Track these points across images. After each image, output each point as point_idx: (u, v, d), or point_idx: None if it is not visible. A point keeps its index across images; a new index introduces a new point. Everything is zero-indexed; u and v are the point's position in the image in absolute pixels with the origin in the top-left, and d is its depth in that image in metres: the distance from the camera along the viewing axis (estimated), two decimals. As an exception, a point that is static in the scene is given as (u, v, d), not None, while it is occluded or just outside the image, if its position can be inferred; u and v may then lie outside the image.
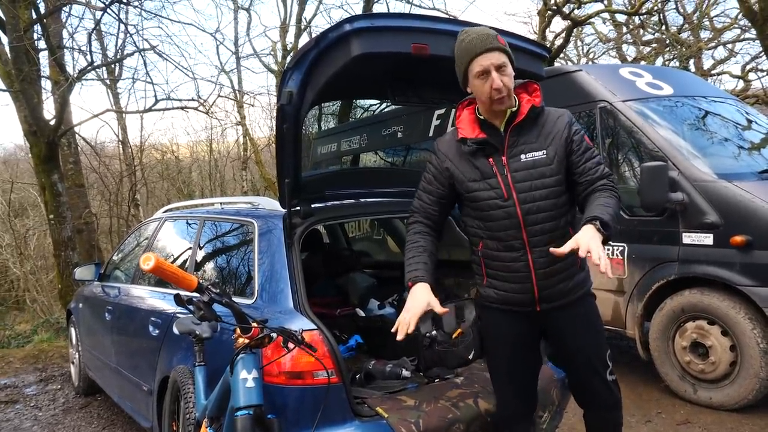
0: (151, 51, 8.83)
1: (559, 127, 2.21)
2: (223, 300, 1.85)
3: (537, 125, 2.23)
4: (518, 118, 2.21)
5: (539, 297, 2.24)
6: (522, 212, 2.18)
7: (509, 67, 2.14)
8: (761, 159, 4.42)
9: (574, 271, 2.26)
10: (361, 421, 2.39)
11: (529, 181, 2.19)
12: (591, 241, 1.92)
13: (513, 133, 2.22)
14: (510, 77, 2.14)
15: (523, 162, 2.19)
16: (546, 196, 2.19)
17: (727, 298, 3.80)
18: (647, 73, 4.97)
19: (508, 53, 2.15)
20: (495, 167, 2.21)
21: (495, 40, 2.12)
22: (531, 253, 2.21)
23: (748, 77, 14.13)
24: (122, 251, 4.86)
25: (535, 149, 2.20)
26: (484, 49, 2.11)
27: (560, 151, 2.19)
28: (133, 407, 3.78)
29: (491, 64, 2.10)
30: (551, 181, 2.19)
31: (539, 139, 2.21)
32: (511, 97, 2.17)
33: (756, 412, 3.80)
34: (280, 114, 2.49)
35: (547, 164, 2.19)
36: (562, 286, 2.24)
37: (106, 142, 15.53)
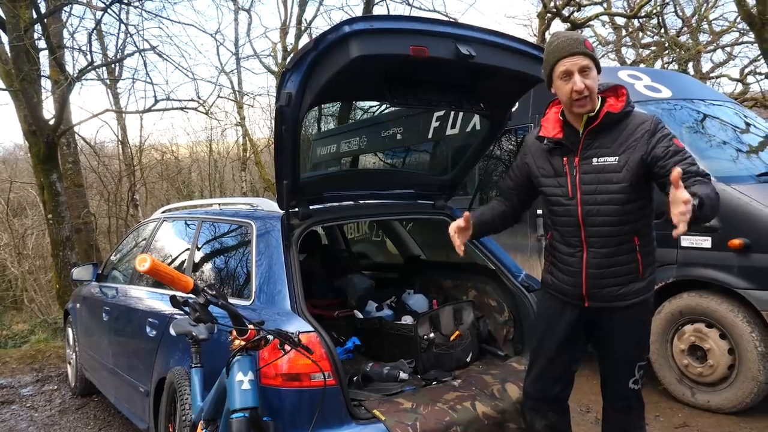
0: (152, 51, 8.81)
1: (637, 135, 2.21)
2: (219, 302, 1.84)
3: (616, 131, 2.26)
4: (595, 122, 2.26)
5: (587, 294, 2.34)
6: (582, 213, 2.28)
7: (593, 71, 2.21)
8: (759, 162, 4.42)
9: (629, 279, 2.30)
10: (358, 423, 2.38)
11: (594, 184, 2.26)
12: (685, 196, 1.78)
13: (589, 136, 2.28)
14: (593, 80, 2.21)
15: (593, 165, 2.26)
16: (608, 201, 2.24)
17: (725, 301, 3.80)
18: (646, 76, 4.97)
19: (594, 59, 2.22)
20: (567, 167, 2.32)
21: (582, 45, 2.20)
22: (587, 252, 2.31)
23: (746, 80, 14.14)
24: (120, 252, 4.85)
25: (607, 154, 2.25)
26: (570, 52, 2.19)
27: (633, 159, 2.20)
28: (129, 409, 3.77)
29: (574, 65, 2.18)
30: (616, 187, 2.23)
31: (614, 144, 2.24)
32: (593, 99, 2.23)
33: (754, 415, 3.80)
34: (279, 115, 2.49)
35: (616, 171, 2.22)
36: (613, 290, 2.31)
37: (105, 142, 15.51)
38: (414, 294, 3.71)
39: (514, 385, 2.76)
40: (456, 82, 2.80)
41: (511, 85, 2.87)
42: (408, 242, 4.75)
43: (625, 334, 2.37)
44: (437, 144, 6.02)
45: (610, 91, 2.31)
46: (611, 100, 2.29)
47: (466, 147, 4.13)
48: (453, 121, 5.63)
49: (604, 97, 2.29)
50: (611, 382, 2.47)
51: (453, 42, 2.40)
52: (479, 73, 2.67)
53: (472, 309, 3.30)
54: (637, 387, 2.42)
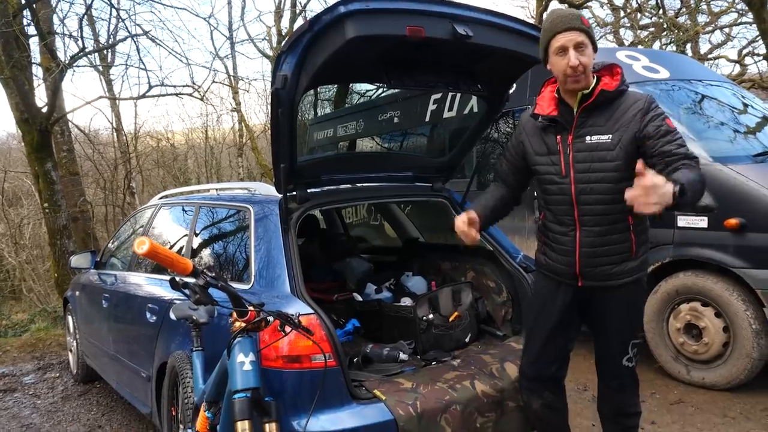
0: (144, 36, 8.76)
1: (631, 113, 2.22)
2: (219, 284, 1.85)
3: (610, 109, 2.26)
4: (590, 100, 2.26)
5: (580, 273, 2.35)
6: (576, 191, 2.28)
7: (589, 48, 2.21)
8: (756, 143, 4.43)
9: (622, 258, 2.31)
10: (359, 403, 2.40)
11: (588, 162, 2.26)
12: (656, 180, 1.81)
13: (583, 114, 2.28)
14: (589, 58, 2.20)
15: (587, 143, 2.26)
16: (602, 179, 2.24)
17: (720, 280, 3.83)
18: (644, 57, 4.96)
19: (591, 35, 2.21)
20: (560, 145, 2.32)
21: (578, 20, 2.19)
22: (580, 231, 2.31)
23: (744, 62, 14.09)
24: (118, 239, 4.85)
25: (601, 132, 2.25)
26: (565, 27, 2.18)
27: (626, 137, 2.20)
28: (131, 394, 3.80)
29: (570, 40, 2.17)
30: (610, 165, 2.23)
31: (608, 123, 2.24)
32: (588, 77, 2.23)
33: (747, 392, 3.85)
34: (275, 98, 2.48)
35: (609, 149, 2.22)
36: (606, 269, 2.32)
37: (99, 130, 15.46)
38: (413, 276, 3.73)
39: (512, 364, 2.78)
40: (453, 63, 2.79)
41: (509, 66, 2.86)
42: (406, 225, 4.76)
43: (618, 312, 2.38)
44: (434, 127, 6.01)
45: (605, 69, 2.31)
46: (606, 78, 2.29)
47: (463, 129, 4.13)
48: (450, 104, 5.62)
49: (599, 76, 2.29)
50: (605, 360, 2.49)
51: (450, 22, 2.39)
52: (477, 53, 2.66)
53: (471, 290, 3.31)
54: (631, 365, 2.44)
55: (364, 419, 2.36)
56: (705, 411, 3.66)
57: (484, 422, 2.59)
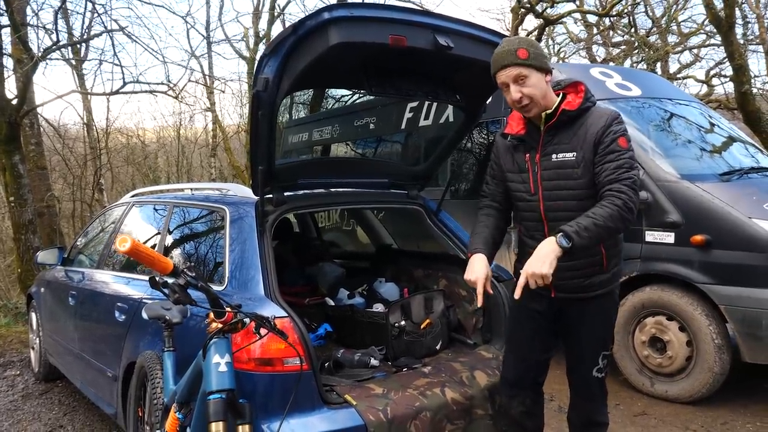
0: (120, 32, 8.63)
1: (593, 130, 2.24)
2: (199, 284, 1.84)
3: (574, 127, 2.29)
4: (553, 119, 2.29)
5: (553, 285, 2.32)
6: (544, 208, 2.33)
7: (533, 77, 2.22)
8: (722, 162, 4.56)
9: (594, 271, 2.36)
10: (330, 408, 2.40)
11: (555, 180, 2.30)
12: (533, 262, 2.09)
13: (549, 132, 2.32)
14: (533, 87, 2.23)
15: (553, 161, 2.30)
16: (568, 197, 2.29)
17: (685, 295, 3.93)
18: (617, 74, 5.08)
19: (531, 64, 2.21)
20: (528, 163, 2.36)
21: (511, 56, 2.21)
22: None
23: (711, 82, 14.52)
24: (87, 236, 4.77)
25: (566, 150, 2.28)
26: (500, 66, 2.24)
27: (589, 154, 2.24)
28: (96, 393, 3.73)
29: (508, 77, 2.23)
30: (575, 183, 2.27)
31: (573, 140, 2.28)
32: (538, 104, 2.26)
33: (708, 405, 3.95)
34: (256, 101, 2.48)
35: (574, 167, 2.26)
36: (577, 282, 2.37)
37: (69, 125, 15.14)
38: (385, 282, 3.74)
39: (482, 372, 2.82)
40: (433, 73, 2.82)
41: (487, 78, 2.88)
42: (380, 231, 4.78)
43: (590, 324, 2.43)
44: (410, 135, 6.05)
45: (570, 87, 2.35)
46: (570, 96, 2.32)
47: (439, 138, 4.18)
48: (426, 113, 5.66)
49: (564, 93, 2.33)
50: (576, 370, 2.54)
51: (432, 33, 2.42)
52: (456, 64, 2.70)
53: (443, 298, 3.34)
54: (601, 375, 2.49)
55: (335, 424, 2.36)
56: (668, 423, 3.74)
57: (453, 429, 2.61)
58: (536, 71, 2.23)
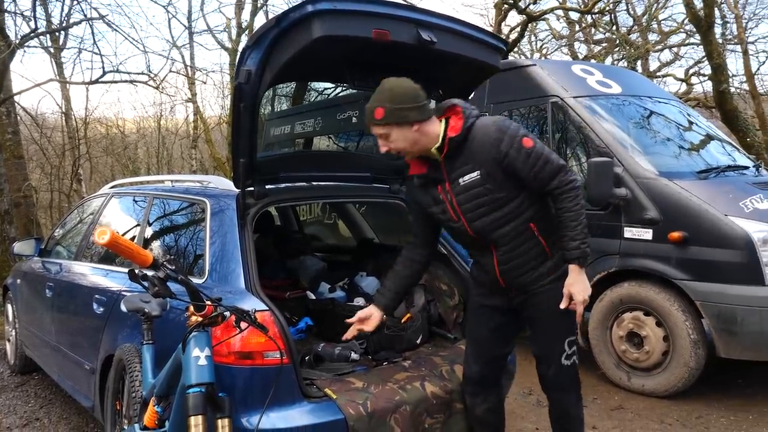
0: (100, 20, 8.49)
1: (485, 146, 2.29)
2: (179, 277, 1.83)
3: (467, 148, 2.33)
4: (444, 151, 2.34)
5: (506, 284, 2.46)
6: (473, 229, 2.40)
7: (392, 134, 2.29)
8: (700, 159, 4.62)
9: (539, 261, 2.41)
10: (310, 401, 2.41)
11: (470, 202, 2.35)
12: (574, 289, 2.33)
13: (447, 162, 2.37)
14: (396, 141, 2.30)
15: (462, 185, 2.35)
16: (489, 212, 2.35)
17: (662, 291, 3.99)
18: (598, 71, 5.12)
19: (387, 123, 2.27)
20: (442, 194, 2.41)
21: (370, 116, 2.30)
22: (495, 252, 2.41)
23: (690, 81, 14.71)
24: (65, 227, 4.71)
25: (468, 171, 2.33)
26: (366, 123, 2.35)
27: (492, 169, 2.30)
28: (73, 386, 3.69)
29: (374, 133, 2.35)
30: (489, 199, 2.33)
31: (471, 160, 2.32)
32: (409, 152, 2.35)
33: (684, 399, 4.01)
34: (238, 93, 2.46)
35: (482, 184, 2.32)
36: (528, 276, 2.42)
37: (47, 114, 14.91)
38: (366, 276, 3.74)
39: (462, 366, 2.83)
40: (416, 68, 2.82)
41: (470, 74, 2.91)
42: (361, 225, 4.78)
43: (550, 312, 2.42)
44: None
45: (449, 110, 2.38)
46: (452, 120, 2.35)
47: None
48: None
49: (446, 118, 2.36)
50: (545, 360, 2.53)
51: (415, 27, 2.42)
52: (439, 59, 2.70)
53: (424, 292, 3.36)
54: (569, 362, 2.49)
55: (315, 418, 2.37)
56: (644, 417, 3.80)
57: (433, 423, 2.63)
58: (396, 127, 2.27)
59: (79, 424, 3.97)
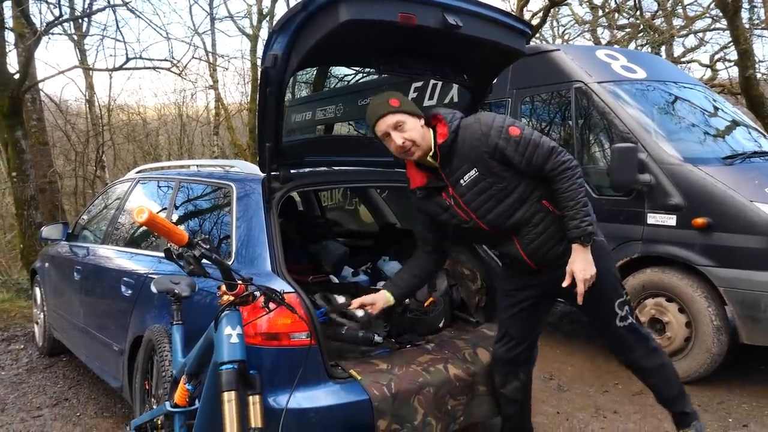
0: (123, 7, 8.56)
1: (474, 144, 2.36)
2: (213, 256, 1.87)
3: (459, 149, 2.39)
4: (438, 158, 2.41)
5: (537, 266, 2.50)
6: (486, 224, 2.44)
7: (409, 121, 2.37)
8: (725, 145, 4.57)
9: (560, 236, 2.43)
10: (335, 382, 2.46)
11: (477, 198, 2.41)
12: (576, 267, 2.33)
13: (444, 168, 2.44)
14: (412, 130, 2.36)
15: (464, 186, 2.41)
16: (497, 204, 2.40)
17: (686, 277, 3.97)
18: (622, 56, 5.07)
19: (404, 110, 2.36)
20: (448, 200, 2.46)
21: (386, 105, 2.37)
22: (517, 238, 2.46)
23: (715, 67, 14.43)
24: (91, 212, 4.79)
25: (466, 171, 2.40)
26: (378, 116, 2.38)
27: (487, 163, 2.36)
28: (102, 367, 3.78)
29: (387, 125, 2.37)
30: (494, 191, 2.38)
31: (466, 161, 2.38)
32: (421, 146, 2.38)
33: (705, 385, 4.00)
34: (264, 77, 2.49)
35: (483, 178, 2.37)
36: (552, 253, 2.45)
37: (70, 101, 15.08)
38: (389, 261, 3.77)
39: (484, 349, 2.86)
40: (441, 52, 2.82)
41: (495, 58, 2.90)
42: (383, 210, 4.80)
43: None
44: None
45: (433, 119, 2.45)
46: (439, 128, 2.42)
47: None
48: (431, 93, 5.65)
49: (433, 127, 2.43)
50: (602, 330, 2.61)
51: (441, 11, 2.41)
52: (464, 44, 2.70)
53: (446, 277, 3.38)
54: (627, 323, 2.53)
55: (340, 398, 2.42)
56: (664, 402, 3.80)
57: (455, 405, 2.66)
58: (410, 116, 2.37)
59: (108, 404, 4.06)
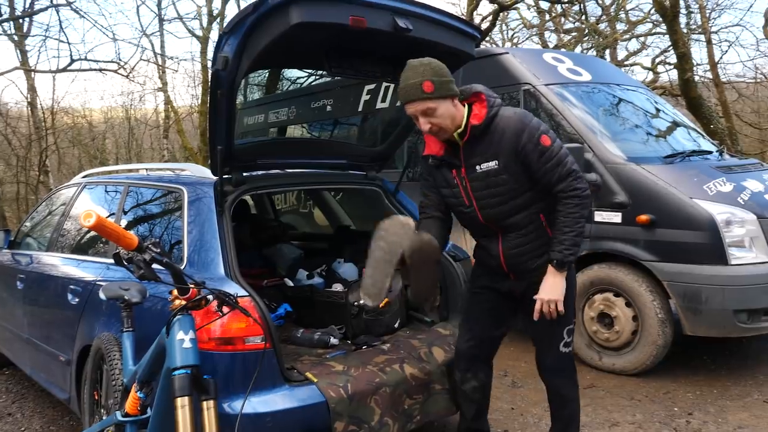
0: (67, 7, 8.30)
1: (508, 137, 2.32)
2: (164, 260, 1.83)
3: (488, 136, 2.36)
4: (465, 137, 2.36)
5: (509, 270, 2.53)
6: (483, 216, 2.44)
7: (439, 108, 2.27)
8: (666, 145, 4.74)
9: (543, 251, 2.46)
10: (291, 385, 2.44)
11: (485, 189, 2.40)
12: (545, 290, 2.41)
13: (466, 148, 2.40)
14: (441, 116, 2.29)
15: (478, 173, 2.39)
16: (502, 201, 2.40)
17: (631, 272, 4.10)
18: (568, 60, 5.20)
19: (436, 95, 2.25)
20: (457, 179, 2.44)
21: (417, 91, 2.24)
22: (502, 238, 2.49)
23: (657, 69, 14.97)
24: (35, 219, 4.63)
25: (487, 159, 2.37)
26: (407, 101, 2.30)
27: (510, 160, 2.34)
28: (48, 379, 3.65)
29: (416, 110, 2.30)
30: (505, 189, 2.38)
31: (490, 149, 2.36)
32: (447, 129, 2.33)
33: (652, 377, 4.14)
34: (215, 79, 2.47)
35: (499, 173, 2.36)
36: (530, 263, 2.49)
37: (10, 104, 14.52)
38: (344, 263, 3.77)
39: (440, 348, 2.90)
40: (392, 55, 2.85)
41: (445, 61, 2.91)
42: (338, 212, 4.80)
43: None
44: (367, 117, 6.06)
45: (473, 96, 2.40)
46: (476, 107, 2.37)
47: (396, 120, 4.19)
48: (383, 95, 5.67)
49: (470, 104, 2.39)
50: (543, 347, 2.64)
51: (391, 15, 2.44)
52: (415, 47, 2.72)
53: (401, 277, 3.39)
54: (568, 349, 2.60)
55: (296, 401, 2.40)
56: (614, 394, 3.92)
57: (412, 404, 2.68)
58: (443, 100, 2.28)
59: (54, 416, 3.93)
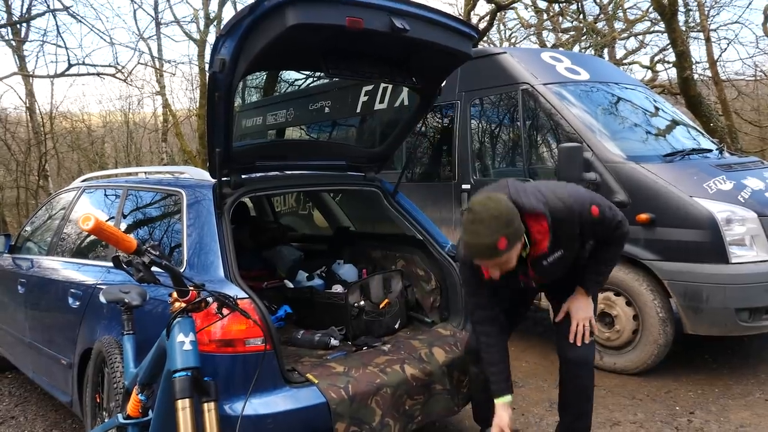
0: (64, 12, 8.32)
1: (565, 230, 2.38)
2: (163, 262, 1.83)
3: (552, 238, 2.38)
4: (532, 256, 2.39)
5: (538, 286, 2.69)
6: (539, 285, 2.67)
7: (512, 254, 2.21)
8: (666, 143, 4.74)
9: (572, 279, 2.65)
10: (292, 387, 2.45)
11: (548, 272, 2.50)
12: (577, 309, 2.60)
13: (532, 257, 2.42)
14: (512, 258, 2.24)
15: (545, 266, 2.45)
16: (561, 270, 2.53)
17: (632, 272, 4.10)
18: (566, 59, 5.20)
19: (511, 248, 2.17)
20: (524, 279, 2.51)
21: (493, 251, 2.15)
22: None
23: (655, 68, 14.96)
24: (35, 223, 4.63)
25: (553, 251, 2.43)
26: (481, 259, 2.25)
27: (572, 243, 2.46)
28: (50, 382, 3.65)
29: (486, 264, 2.29)
30: (564, 264, 2.51)
31: (556, 244, 2.40)
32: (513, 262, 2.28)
33: (653, 376, 4.14)
34: (212, 82, 2.47)
35: (564, 258, 2.47)
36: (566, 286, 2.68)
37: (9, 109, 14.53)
38: (344, 264, 3.78)
39: (440, 349, 2.90)
40: (390, 56, 2.85)
41: (443, 61, 2.95)
42: (337, 213, 4.80)
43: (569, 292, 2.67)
44: (365, 118, 6.07)
45: (531, 218, 2.27)
46: (533, 226, 2.28)
47: (394, 121, 4.21)
48: (381, 96, 5.69)
49: (527, 227, 2.27)
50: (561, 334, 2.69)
51: (388, 15, 2.44)
52: (412, 47, 2.73)
53: (401, 278, 3.41)
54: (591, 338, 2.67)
55: (297, 402, 2.40)
56: (616, 394, 3.92)
57: (413, 404, 2.69)
58: (514, 248, 2.21)
59: (57, 420, 3.93)
